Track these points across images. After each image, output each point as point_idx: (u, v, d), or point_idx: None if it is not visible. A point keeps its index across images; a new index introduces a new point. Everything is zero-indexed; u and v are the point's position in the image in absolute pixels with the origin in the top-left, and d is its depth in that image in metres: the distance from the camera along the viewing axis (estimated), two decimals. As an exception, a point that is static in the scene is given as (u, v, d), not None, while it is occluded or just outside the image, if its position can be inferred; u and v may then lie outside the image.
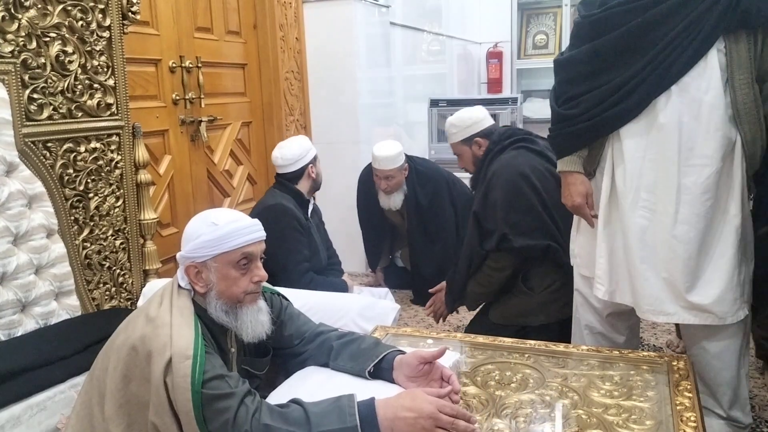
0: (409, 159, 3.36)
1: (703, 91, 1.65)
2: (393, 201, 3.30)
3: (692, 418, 1.32)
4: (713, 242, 1.71)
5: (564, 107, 1.84)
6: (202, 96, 2.86)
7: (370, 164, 3.37)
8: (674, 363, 1.58)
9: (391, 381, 1.42)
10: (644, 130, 1.72)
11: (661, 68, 1.66)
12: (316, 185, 2.78)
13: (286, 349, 1.57)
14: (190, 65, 2.80)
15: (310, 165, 2.73)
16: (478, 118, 2.56)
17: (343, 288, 2.68)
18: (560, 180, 1.94)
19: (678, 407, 1.37)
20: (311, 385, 1.43)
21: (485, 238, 2.35)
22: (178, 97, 2.76)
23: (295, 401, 1.27)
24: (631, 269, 1.78)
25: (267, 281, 1.45)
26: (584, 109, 1.78)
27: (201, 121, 2.87)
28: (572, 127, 1.82)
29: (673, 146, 1.67)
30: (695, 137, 1.67)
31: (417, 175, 3.34)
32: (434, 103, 4.60)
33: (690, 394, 1.42)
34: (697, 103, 1.66)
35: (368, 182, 3.41)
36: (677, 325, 2.31)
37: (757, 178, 1.75)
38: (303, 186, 2.73)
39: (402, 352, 1.45)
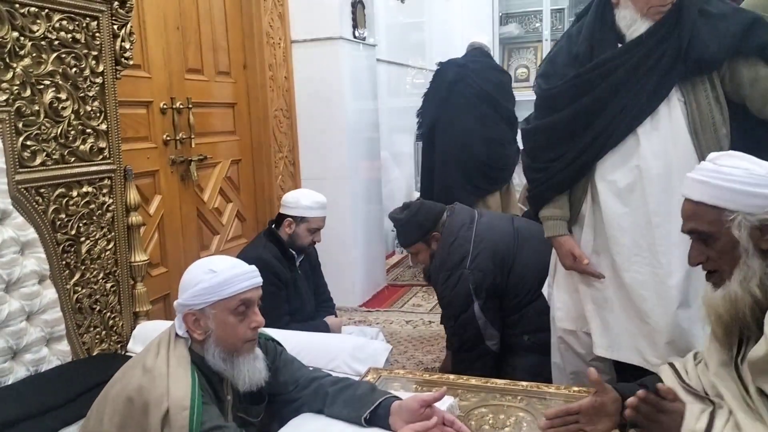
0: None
1: (672, 143, 1.73)
2: None
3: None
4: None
5: (535, 174, 1.94)
6: (193, 136, 2.89)
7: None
8: (664, 403, 1.60)
9: (387, 428, 1.43)
10: (623, 188, 1.79)
11: (623, 125, 1.75)
12: (292, 243, 2.61)
13: (280, 395, 1.57)
14: (181, 106, 2.83)
15: (290, 219, 2.60)
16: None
17: (323, 328, 2.63)
18: None
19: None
20: (307, 433, 1.44)
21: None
22: (168, 138, 2.79)
23: (292, 451, 1.28)
24: (633, 327, 1.82)
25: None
26: (557, 169, 1.87)
27: (191, 160, 2.89)
28: (545, 183, 1.92)
29: (653, 198, 1.74)
30: (672, 185, 1.72)
31: None
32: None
33: None
34: (668, 154, 1.73)
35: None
36: None
37: None
38: (282, 235, 2.62)
39: (398, 398, 1.47)
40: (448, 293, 2.39)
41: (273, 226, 2.65)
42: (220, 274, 1.37)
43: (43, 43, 1.85)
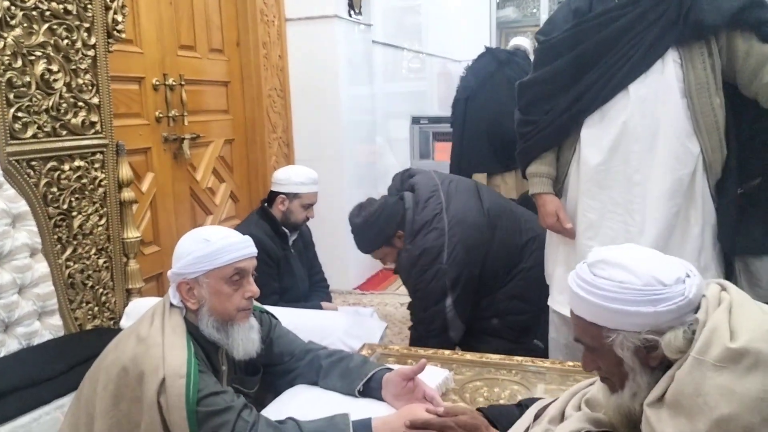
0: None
1: (662, 102, 1.74)
2: None
3: None
4: (673, 250, 1.77)
5: (525, 128, 1.95)
6: (185, 114, 2.86)
7: None
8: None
9: (380, 399, 1.43)
10: (607, 143, 1.80)
11: (615, 79, 1.76)
12: (285, 220, 2.62)
13: (275, 366, 1.57)
14: (174, 83, 2.80)
15: (282, 196, 2.60)
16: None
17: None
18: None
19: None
20: (302, 404, 1.44)
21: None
22: (161, 115, 2.76)
23: (290, 419, 1.28)
24: None
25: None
26: (547, 121, 1.89)
27: (184, 138, 2.86)
28: (534, 137, 1.93)
29: (636, 156, 1.75)
30: (657, 146, 1.74)
31: None
32: (416, 120, 4.65)
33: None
34: (656, 114, 1.74)
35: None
36: None
37: (719, 189, 1.82)
38: (276, 212, 2.62)
39: (390, 370, 1.47)
40: (423, 286, 2.29)
41: (266, 204, 2.64)
42: (214, 243, 1.36)
43: (34, 13, 1.82)
